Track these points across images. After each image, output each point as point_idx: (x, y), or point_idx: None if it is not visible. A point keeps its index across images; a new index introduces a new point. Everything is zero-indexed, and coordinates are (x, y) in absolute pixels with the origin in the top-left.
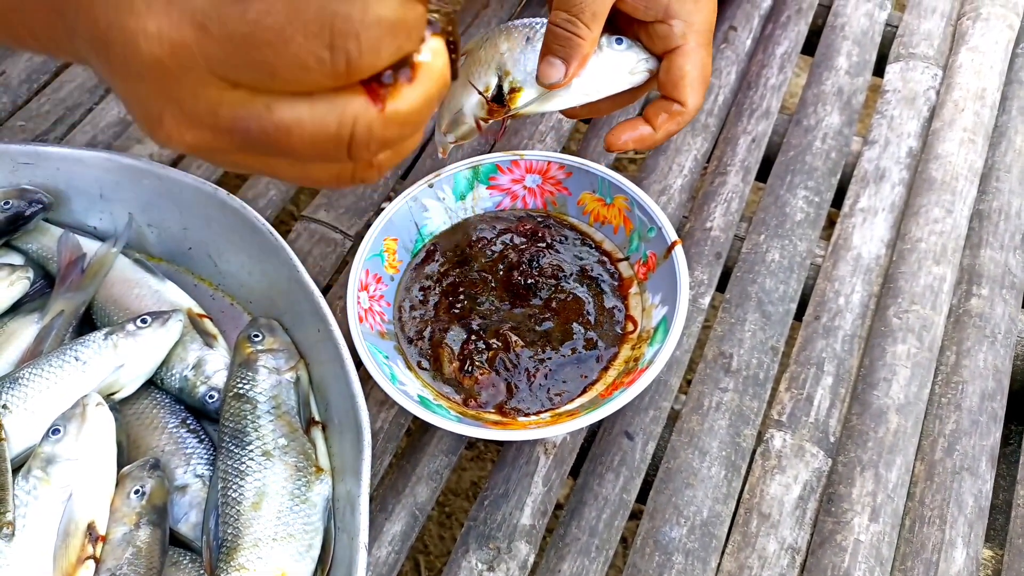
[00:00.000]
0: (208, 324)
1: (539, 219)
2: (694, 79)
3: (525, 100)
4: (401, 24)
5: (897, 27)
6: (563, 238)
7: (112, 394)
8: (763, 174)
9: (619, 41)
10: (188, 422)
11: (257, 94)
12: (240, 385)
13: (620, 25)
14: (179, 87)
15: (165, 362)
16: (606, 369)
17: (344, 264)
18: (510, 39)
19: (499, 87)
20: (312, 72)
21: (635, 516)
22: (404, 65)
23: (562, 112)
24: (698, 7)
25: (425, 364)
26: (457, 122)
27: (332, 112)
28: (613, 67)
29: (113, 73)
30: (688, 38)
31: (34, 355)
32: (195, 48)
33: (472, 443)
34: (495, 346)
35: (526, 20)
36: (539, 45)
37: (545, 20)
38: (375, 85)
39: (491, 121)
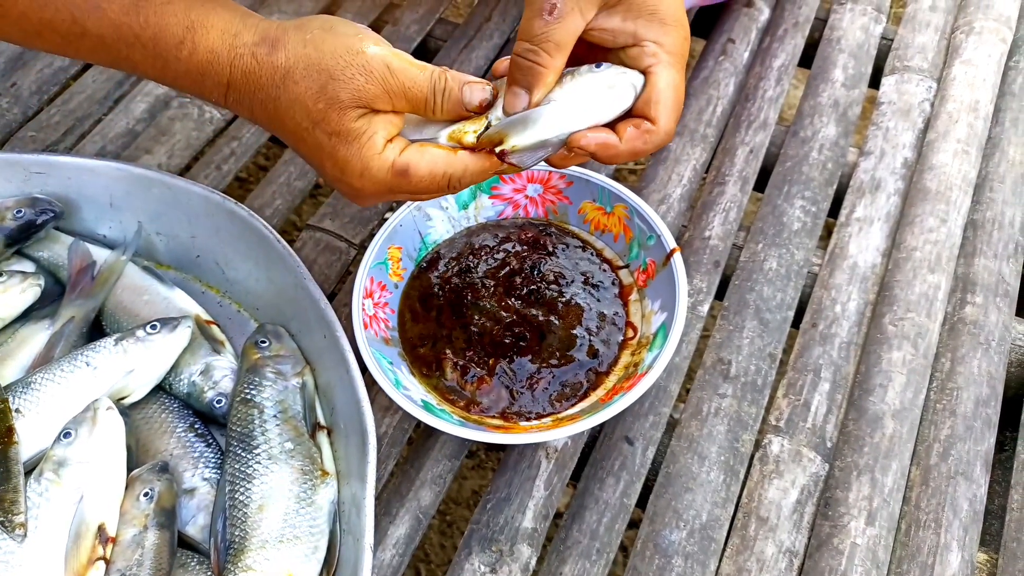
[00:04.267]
0: (216, 331)
1: (540, 227)
2: (666, 98)
3: (513, 138)
4: None
5: (892, 40)
6: (564, 246)
7: (122, 399)
8: (761, 184)
9: (598, 66)
10: (196, 426)
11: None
12: (247, 390)
13: (588, 59)
14: (375, 192)
15: (174, 368)
16: (606, 374)
17: (349, 272)
18: (501, 90)
19: (485, 131)
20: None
21: (634, 525)
22: None
23: (549, 163)
24: (666, 30)
25: (428, 370)
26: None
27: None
28: (593, 85)
29: (327, 167)
30: (659, 57)
31: (45, 360)
32: (392, 188)
33: (473, 452)
34: (497, 352)
35: None
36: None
37: None
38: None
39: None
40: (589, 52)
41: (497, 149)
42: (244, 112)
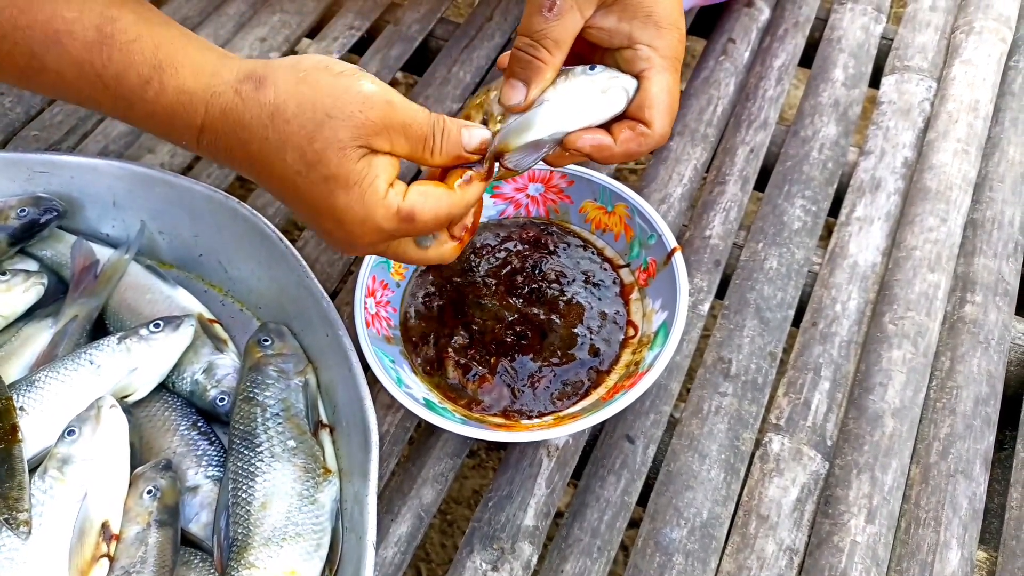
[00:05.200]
0: (218, 329)
1: (542, 226)
2: (660, 102)
3: (508, 138)
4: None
5: (892, 40)
6: (565, 245)
7: (125, 397)
8: (761, 184)
9: (592, 68)
10: (199, 424)
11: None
12: (250, 389)
13: (589, 57)
14: (374, 241)
15: (177, 366)
16: (607, 373)
17: (350, 271)
18: (499, 87)
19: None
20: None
21: (635, 524)
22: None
23: (546, 161)
24: (661, 33)
25: (430, 368)
26: None
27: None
28: (587, 88)
29: (321, 215)
30: (653, 61)
31: (49, 359)
32: (394, 235)
33: (474, 451)
34: (498, 351)
35: None
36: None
37: None
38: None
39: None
40: (591, 51)
41: (502, 159)
42: (220, 156)
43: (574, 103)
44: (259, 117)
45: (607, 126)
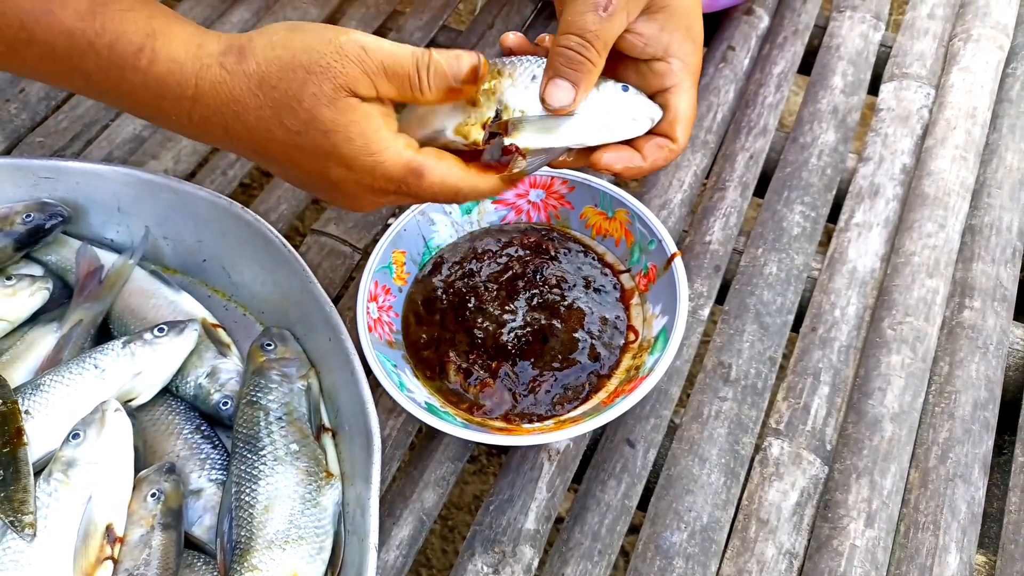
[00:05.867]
0: (222, 334)
1: (543, 232)
2: (687, 118)
3: (525, 135)
4: None
5: (891, 48)
6: (566, 250)
7: (129, 400)
8: (761, 190)
9: (625, 88)
10: (202, 428)
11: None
12: (253, 393)
13: (614, 63)
14: (384, 190)
15: (180, 370)
16: (608, 377)
17: (352, 277)
18: (513, 74)
19: (496, 121)
20: None
21: (634, 530)
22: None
23: (549, 164)
24: (695, 49)
25: (431, 373)
26: (433, 140)
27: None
28: (618, 110)
29: (331, 169)
30: (684, 77)
31: (53, 363)
32: (400, 188)
33: (474, 456)
34: (499, 355)
35: (528, 57)
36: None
37: (543, 60)
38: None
39: (492, 152)
40: (613, 59)
41: (507, 140)
42: (215, 129)
43: (603, 121)
44: (248, 88)
45: (629, 140)
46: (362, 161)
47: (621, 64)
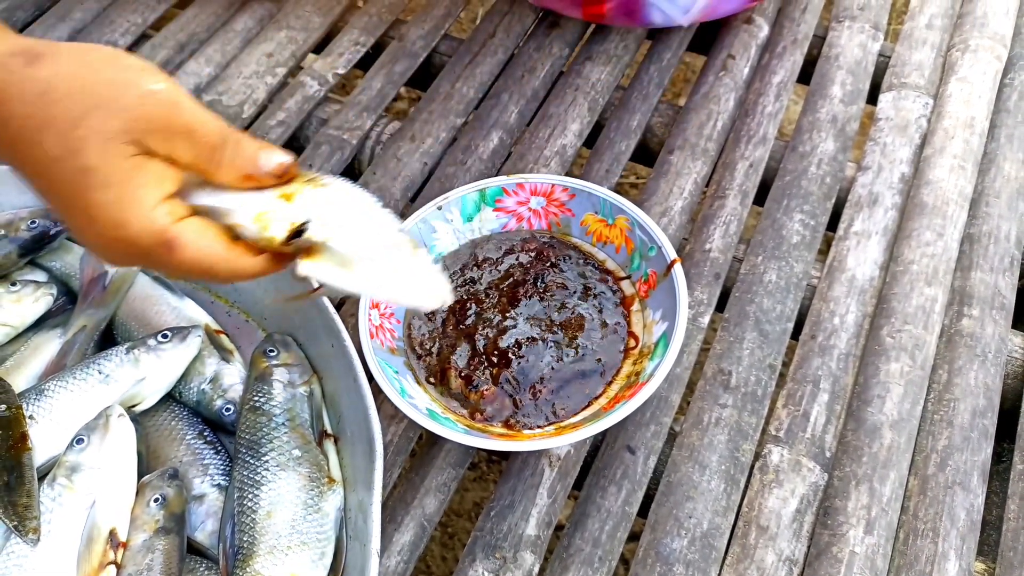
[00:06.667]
0: (225, 340)
1: (544, 239)
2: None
3: (322, 265)
4: None
5: (890, 58)
6: (567, 257)
7: (133, 406)
8: (760, 198)
9: (437, 260)
10: (205, 434)
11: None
12: (256, 398)
13: None
14: (127, 254)
15: (183, 376)
16: (609, 383)
17: None
18: (333, 198)
19: (299, 233)
20: None
21: (635, 537)
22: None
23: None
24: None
25: (433, 379)
26: (220, 216)
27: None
28: (421, 282)
29: (72, 212)
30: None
31: (57, 368)
32: (146, 257)
33: (475, 463)
34: (500, 362)
35: (359, 191)
36: (363, 222)
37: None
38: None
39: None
40: None
41: (301, 263)
42: None
43: (401, 284)
44: (22, 94)
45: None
46: (108, 214)
47: None
